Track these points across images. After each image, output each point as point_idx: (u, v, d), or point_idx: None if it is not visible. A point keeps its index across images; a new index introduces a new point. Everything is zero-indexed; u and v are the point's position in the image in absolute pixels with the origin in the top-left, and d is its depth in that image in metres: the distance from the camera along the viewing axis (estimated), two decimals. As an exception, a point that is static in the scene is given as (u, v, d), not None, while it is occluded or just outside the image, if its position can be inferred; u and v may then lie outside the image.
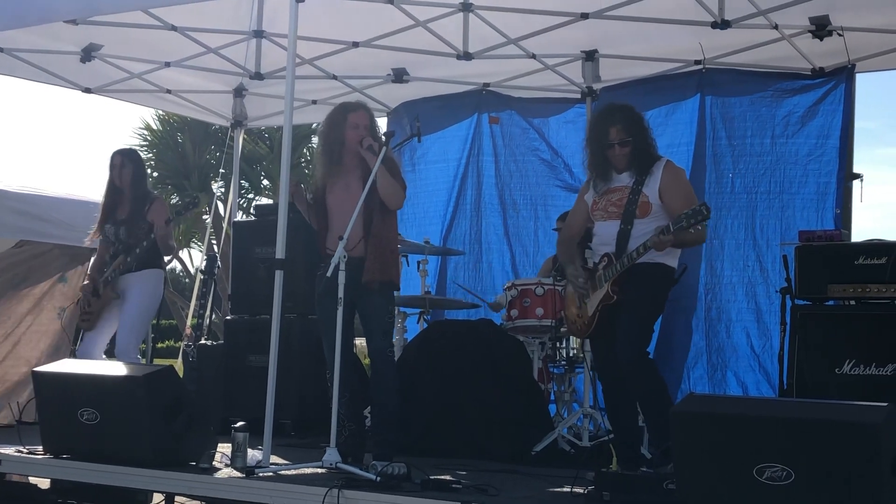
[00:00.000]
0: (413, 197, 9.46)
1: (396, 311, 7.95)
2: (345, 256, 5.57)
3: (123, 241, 7.39)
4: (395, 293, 6.42)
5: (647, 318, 5.63)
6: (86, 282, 7.70)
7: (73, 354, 8.93)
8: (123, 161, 7.55)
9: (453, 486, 5.15)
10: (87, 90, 9.69)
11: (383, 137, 5.93)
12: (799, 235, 6.90)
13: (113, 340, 7.49)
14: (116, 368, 6.18)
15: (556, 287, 7.35)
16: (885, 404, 4.16)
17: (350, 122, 6.00)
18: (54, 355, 9.22)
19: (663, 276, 5.63)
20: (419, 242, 8.30)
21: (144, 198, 7.47)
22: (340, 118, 6.04)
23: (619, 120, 5.72)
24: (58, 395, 6.09)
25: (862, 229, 8.98)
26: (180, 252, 22.67)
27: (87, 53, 8.91)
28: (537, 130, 9.40)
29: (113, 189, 7.55)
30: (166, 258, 7.89)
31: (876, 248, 6.47)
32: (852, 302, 6.56)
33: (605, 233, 5.69)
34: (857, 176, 8.03)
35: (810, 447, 4.07)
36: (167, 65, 9.30)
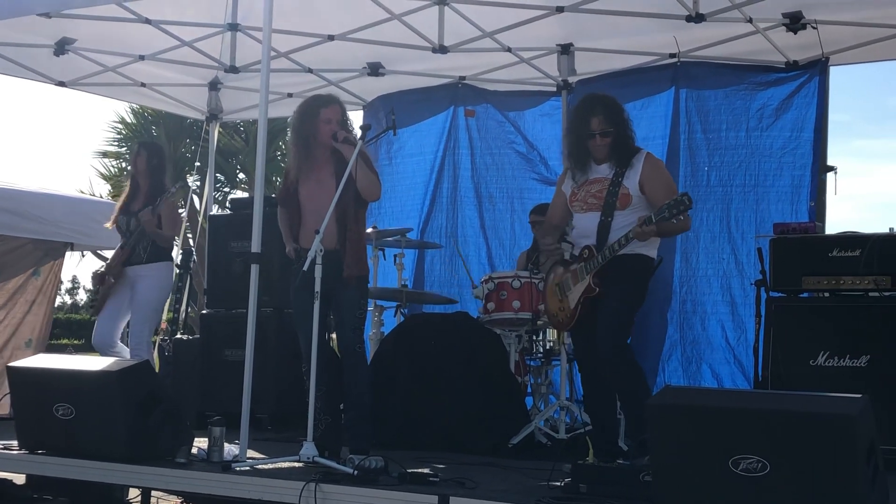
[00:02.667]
0: (391, 190, 9.47)
1: (373, 305, 7.95)
2: (321, 250, 5.55)
3: (132, 232, 7.43)
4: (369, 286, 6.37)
5: (628, 309, 5.64)
6: (99, 270, 7.77)
7: (46, 349, 8.90)
8: (139, 149, 7.84)
9: (430, 479, 5.14)
10: (61, 84, 9.64)
11: (359, 131, 5.91)
12: (773, 228, 6.93)
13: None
14: (91, 363, 6.16)
15: (533, 280, 7.36)
16: (860, 395, 4.18)
17: (323, 117, 5.96)
18: (26, 350, 9.21)
19: (644, 266, 5.64)
20: (396, 236, 8.29)
21: (159, 191, 7.50)
22: (313, 112, 6.00)
23: (600, 110, 5.72)
24: (32, 390, 6.05)
25: (836, 221, 9.08)
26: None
27: (61, 47, 8.85)
28: (513, 123, 9.40)
29: (132, 181, 7.61)
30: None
31: (850, 240, 6.51)
32: (826, 294, 6.60)
33: (586, 225, 5.68)
34: (831, 168, 8.07)
35: (785, 439, 4.09)
36: (141, 58, 9.25)
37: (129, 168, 7.84)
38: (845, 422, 4.02)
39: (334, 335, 6.29)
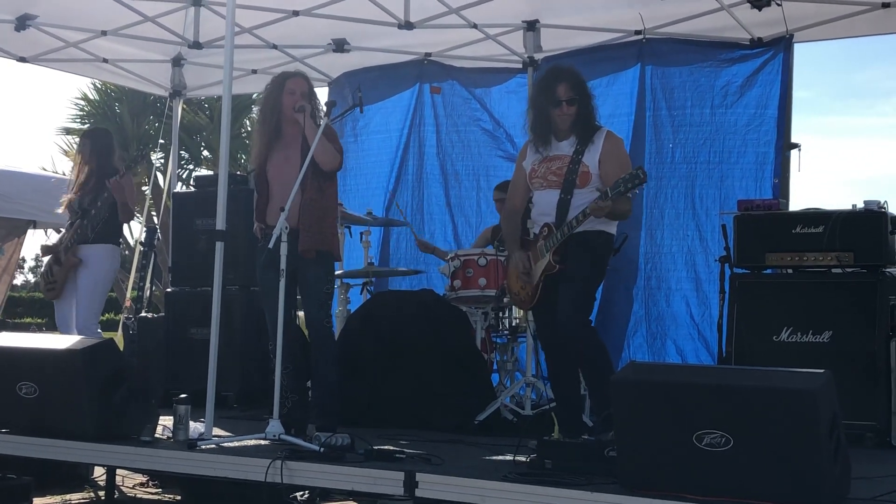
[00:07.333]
0: (356, 168, 9.45)
1: (339, 283, 7.92)
2: (286, 228, 5.53)
3: (83, 209, 7.38)
4: (337, 263, 6.32)
5: (588, 286, 5.64)
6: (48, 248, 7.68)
7: (4, 327, 8.83)
8: (83, 139, 7.79)
9: (397, 455, 5.16)
10: (23, 59, 9.53)
11: (324, 108, 5.87)
12: (738, 205, 6.97)
13: None
14: (55, 341, 6.11)
15: (499, 257, 7.37)
16: (822, 371, 4.22)
17: (287, 88, 5.91)
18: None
19: (604, 243, 5.64)
20: (362, 214, 8.27)
21: (109, 171, 7.45)
22: (278, 86, 5.96)
23: (568, 78, 5.70)
24: (-5, 368, 6.01)
25: (799, 198, 9.12)
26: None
27: (22, 22, 8.75)
28: (479, 101, 9.39)
29: (82, 167, 7.63)
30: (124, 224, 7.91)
31: (813, 216, 6.56)
32: (790, 270, 6.65)
33: (545, 202, 5.67)
34: (795, 145, 8.11)
35: (749, 414, 4.12)
36: (104, 34, 9.15)
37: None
38: (807, 396, 4.05)
39: (300, 313, 6.26)
